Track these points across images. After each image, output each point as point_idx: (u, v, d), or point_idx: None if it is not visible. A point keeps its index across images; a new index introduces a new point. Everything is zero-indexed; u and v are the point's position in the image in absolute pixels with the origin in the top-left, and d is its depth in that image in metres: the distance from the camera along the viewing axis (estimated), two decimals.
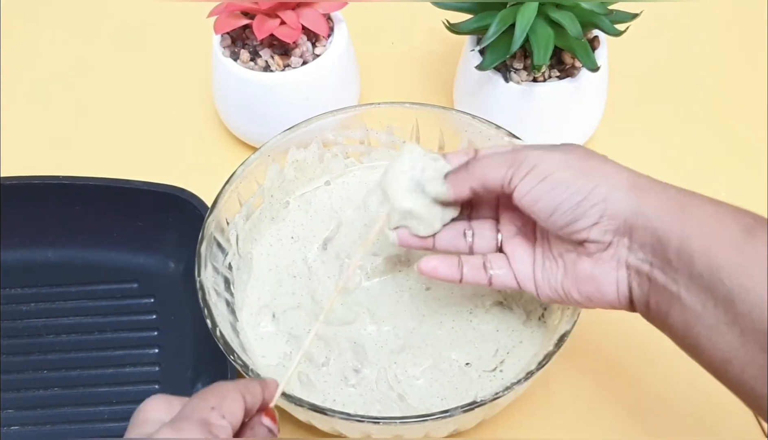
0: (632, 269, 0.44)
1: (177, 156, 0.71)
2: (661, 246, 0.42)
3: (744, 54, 0.78)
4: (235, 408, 0.39)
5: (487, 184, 0.46)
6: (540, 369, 0.48)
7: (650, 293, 0.43)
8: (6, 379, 0.58)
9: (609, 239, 0.43)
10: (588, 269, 0.45)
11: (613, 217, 0.43)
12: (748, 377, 0.40)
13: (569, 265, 0.46)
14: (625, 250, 0.43)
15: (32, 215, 0.63)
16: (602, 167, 0.44)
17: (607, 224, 0.43)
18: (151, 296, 0.62)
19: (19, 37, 0.81)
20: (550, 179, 0.43)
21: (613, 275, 0.44)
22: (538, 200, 0.44)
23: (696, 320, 0.41)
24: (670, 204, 0.42)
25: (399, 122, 0.61)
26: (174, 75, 0.77)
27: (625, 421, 0.56)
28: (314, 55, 0.66)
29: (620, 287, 0.44)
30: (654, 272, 0.43)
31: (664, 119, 0.73)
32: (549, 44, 0.60)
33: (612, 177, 0.43)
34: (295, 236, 0.60)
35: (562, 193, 0.43)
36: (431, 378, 0.53)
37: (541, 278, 0.47)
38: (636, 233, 0.43)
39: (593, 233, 0.43)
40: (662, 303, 0.42)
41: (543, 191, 0.44)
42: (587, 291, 0.45)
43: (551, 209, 0.44)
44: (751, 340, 0.39)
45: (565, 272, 0.46)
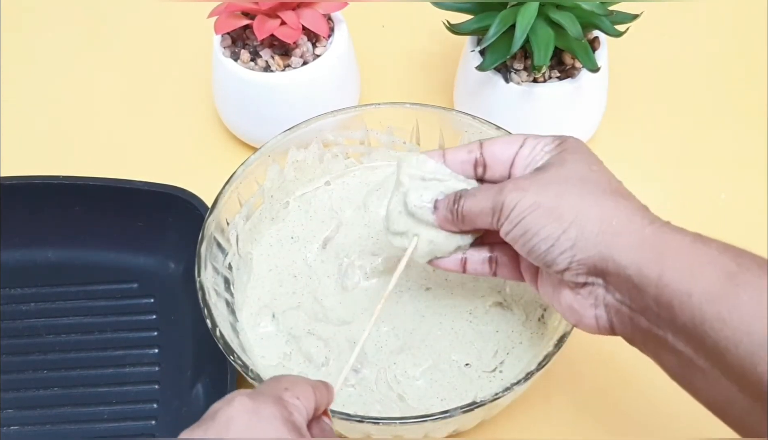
0: (611, 308, 0.43)
1: (177, 156, 0.71)
2: (638, 293, 0.40)
3: (744, 54, 0.78)
4: (309, 394, 0.39)
5: (478, 228, 0.47)
6: (540, 370, 0.48)
7: (634, 333, 0.42)
8: (6, 379, 0.58)
9: (582, 281, 0.43)
10: (569, 300, 0.44)
11: (582, 262, 0.42)
12: (749, 421, 0.38)
13: (555, 289, 0.46)
14: (602, 290, 0.43)
15: (32, 215, 0.63)
16: (577, 203, 0.43)
17: (577, 268, 0.42)
18: (151, 297, 0.62)
19: (19, 37, 0.81)
20: (522, 224, 0.44)
21: (591, 311, 0.44)
22: (515, 242, 0.45)
23: (689, 364, 0.39)
24: (645, 249, 0.40)
25: (399, 122, 0.61)
26: (174, 75, 0.77)
27: (624, 421, 0.56)
28: (314, 56, 0.66)
29: (600, 321, 0.44)
30: (635, 315, 0.41)
31: (664, 120, 0.73)
32: (549, 45, 0.60)
33: (583, 218, 0.42)
34: (295, 236, 0.60)
35: (532, 238, 0.43)
36: (431, 379, 0.53)
37: (540, 281, 0.47)
38: (610, 277, 0.42)
39: (566, 276, 0.43)
40: (650, 345, 0.42)
41: (517, 235, 0.44)
42: (572, 319, 0.45)
43: (526, 253, 0.44)
44: (748, 391, 0.37)
45: (553, 293, 0.46)
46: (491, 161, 0.48)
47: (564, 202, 0.43)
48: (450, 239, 0.49)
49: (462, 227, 0.48)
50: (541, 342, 0.53)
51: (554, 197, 0.43)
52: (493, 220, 0.45)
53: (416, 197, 0.49)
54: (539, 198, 0.43)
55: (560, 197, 0.43)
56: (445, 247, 0.49)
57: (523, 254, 0.45)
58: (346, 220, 0.60)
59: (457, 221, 0.47)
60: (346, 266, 0.57)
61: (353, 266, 0.57)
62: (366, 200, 0.61)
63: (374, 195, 0.61)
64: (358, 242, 0.59)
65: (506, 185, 0.45)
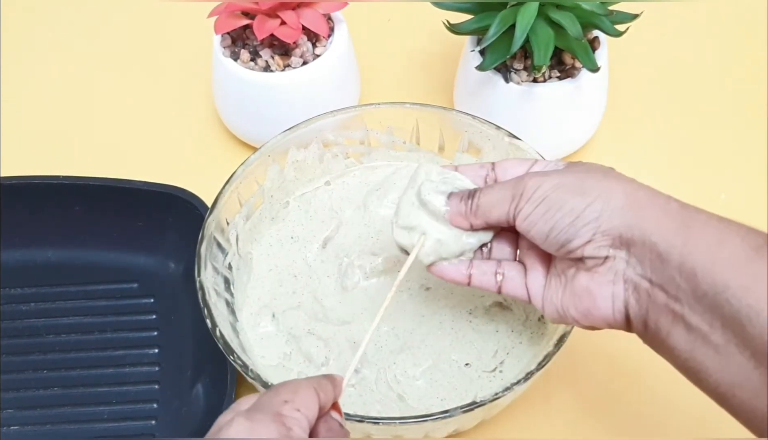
0: (630, 284, 0.42)
1: (177, 156, 0.71)
2: (660, 262, 0.40)
3: (744, 54, 0.78)
4: (310, 402, 0.39)
5: (490, 222, 0.46)
6: (540, 370, 0.48)
7: (649, 311, 0.42)
8: (6, 379, 0.58)
9: (605, 254, 0.42)
10: (584, 283, 0.44)
11: (607, 233, 0.42)
12: (759, 402, 0.37)
13: (568, 281, 0.45)
14: (623, 264, 0.42)
15: (32, 215, 0.63)
16: (600, 183, 0.43)
17: (601, 240, 0.42)
18: (151, 296, 0.62)
19: (19, 37, 0.81)
20: (545, 201, 0.43)
21: (609, 289, 0.43)
22: (535, 223, 0.44)
23: (702, 341, 0.39)
24: (670, 219, 0.41)
25: (399, 122, 0.61)
26: (174, 75, 0.77)
27: (624, 421, 0.56)
28: (314, 56, 0.66)
29: (616, 302, 0.43)
30: (654, 290, 0.41)
31: (664, 120, 0.73)
32: (549, 45, 0.60)
33: (608, 193, 0.42)
34: (295, 236, 0.60)
35: (555, 214, 0.43)
36: (431, 379, 0.53)
37: (547, 295, 0.47)
38: (634, 247, 0.42)
39: (587, 250, 0.43)
40: (663, 323, 0.41)
41: (539, 215, 0.44)
42: (583, 307, 0.44)
43: (546, 232, 0.44)
44: (765, 362, 0.36)
45: (564, 289, 0.45)
46: (502, 175, 0.48)
47: (588, 182, 0.43)
48: (458, 238, 0.48)
49: (474, 220, 0.47)
50: (541, 342, 0.53)
51: (577, 179, 0.43)
52: (511, 207, 0.45)
53: (431, 187, 0.48)
54: (562, 180, 0.44)
55: (583, 179, 0.43)
56: (452, 247, 0.48)
57: (539, 239, 0.44)
58: (346, 220, 0.60)
59: (470, 214, 0.47)
60: (346, 265, 0.57)
61: (353, 266, 0.57)
62: (366, 199, 0.61)
63: (374, 195, 0.61)
64: (358, 242, 0.59)
65: (526, 174, 0.46)
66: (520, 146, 0.57)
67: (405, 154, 0.63)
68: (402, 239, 0.49)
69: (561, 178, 0.44)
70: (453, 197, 0.48)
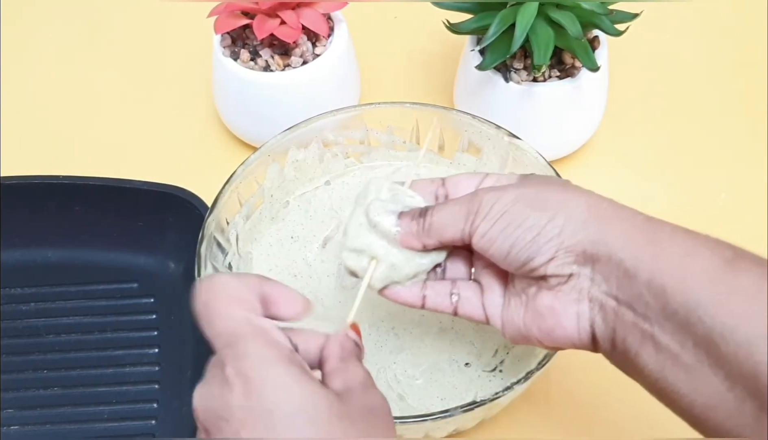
0: (595, 303, 0.40)
1: (177, 156, 0.71)
2: (627, 279, 0.38)
3: (744, 54, 0.78)
4: None
5: (444, 241, 0.44)
6: (540, 369, 0.48)
7: (616, 330, 0.39)
8: (6, 379, 0.58)
9: (568, 272, 0.40)
10: (547, 302, 0.41)
11: (570, 249, 0.40)
12: (733, 425, 0.35)
13: (530, 300, 0.42)
14: (587, 281, 0.40)
15: (32, 215, 0.63)
16: (561, 195, 0.41)
17: (564, 257, 0.40)
18: (151, 296, 0.62)
19: (19, 36, 0.81)
20: (504, 217, 0.41)
21: (573, 308, 0.41)
22: (494, 241, 0.42)
23: (673, 361, 0.37)
24: (637, 233, 0.39)
25: (399, 122, 0.61)
26: (174, 75, 0.77)
27: (625, 421, 0.56)
28: (314, 55, 0.66)
29: (581, 321, 0.41)
30: (621, 308, 0.39)
31: (664, 119, 0.73)
32: (549, 44, 0.60)
33: (569, 206, 0.40)
34: (295, 235, 0.60)
35: (515, 230, 0.41)
36: (431, 378, 0.53)
37: (506, 315, 0.44)
38: (599, 264, 0.39)
39: (550, 268, 0.40)
40: (630, 342, 0.39)
41: (497, 231, 0.41)
42: (546, 326, 0.42)
43: (506, 250, 0.41)
44: (739, 385, 0.35)
45: (526, 308, 0.43)
46: (453, 191, 0.47)
47: (547, 195, 0.41)
48: (410, 260, 0.45)
49: (427, 241, 0.44)
50: None
51: (536, 192, 0.41)
52: (466, 225, 0.42)
53: (380, 207, 0.46)
54: (520, 193, 0.41)
55: (542, 192, 0.41)
56: (404, 270, 0.46)
57: (499, 257, 0.42)
58: (345, 219, 0.60)
59: (422, 234, 0.44)
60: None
61: None
62: None
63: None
64: None
65: (480, 189, 0.44)
66: (520, 146, 0.57)
67: (405, 153, 0.63)
68: (351, 262, 0.47)
69: (519, 191, 0.42)
70: (404, 216, 0.45)
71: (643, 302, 0.38)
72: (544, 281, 0.41)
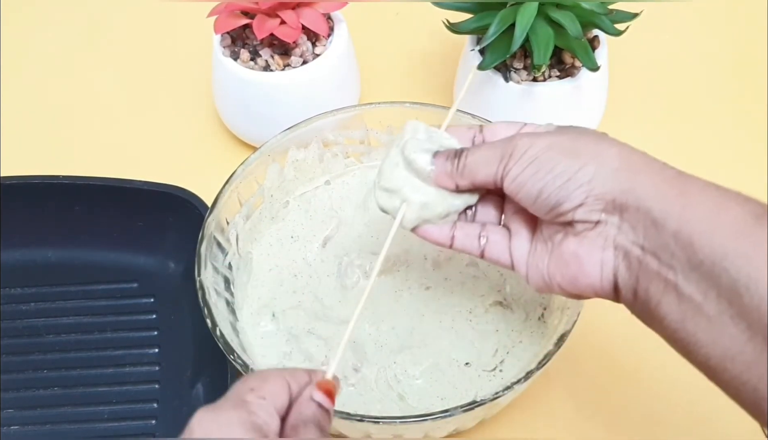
0: (620, 251, 0.40)
1: (177, 156, 0.71)
2: (655, 229, 0.38)
3: (744, 54, 0.78)
4: (277, 388, 0.38)
5: (476, 183, 0.44)
6: (540, 369, 0.48)
7: (639, 279, 0.40)
8: (6, 379, 0.58)
9: (596, 218, 0.40)
10: (572, 248, 0.42)
11: (600, 197, 0.40)
12: (751, 375, 0.36)
13: (555, 246, 0.43)
14: (614, 229, 0.40)
15: (32, 215, 0.63)
16: (594, 145, 0.41)
17: (593, 204, 0.40)
18: (151, 296, 0.62)
19: (19, 36, 0.81)
20: (535, 162, 0.41)
21: (598, 255, 0.41)
22: (524, 185, 0.42)
23: (695, 311, 0.37)
24: (667, 185, 0.39)
25: (399, 121, 0.61)
26: (174, 75, 0.77)
27: (625, 421, 0.56)
28: (314, 55, 0.66)
29: (605, 269, 0.41)
30: (646, 257, 0.39)
31: (664, 119, 0.73)
32: (549, 44, 0.60)
33: (602, 155, 0.40)
34: (295, 235, 0.60)
35: (546, 175, 0.41)
36: (431, 378, 0.53)
37: (532, 262, 0.45)
38: (627, 213, 0.40)
39: (578, 213, 0.41)
40: (653, 292, 0.39)
41: (528, 176, 0.41)
42: (570, 274, 0.42)
43: (535, 194, 0.42)
44: (760, 335, 0.35)
45: (551, 255, 0.43)
46: (491, 137, 0.47)
47: (581, 143, 0.41)
48: (443, 199, 0.46)
49: (461, 181, 0.45)
50: (541, 341, 0.53)
51: (570, 140, 0.42)
52: (499, 167, 0.42)
53: (416, 146, 0.46)
54: (554, 140, 0.42)
55: (576, 140, 0.41)
56: (437, 208, 0.46)
57: (528, 202, 0.42)
58: (346, 219, 0.60)
59: (456, 174, 0.44)
60: (346, 265, 0.57)
61: (353, 265, 0.57)
62: (366, 199, 0.61)
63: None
64: (357, 241, 0.59)
65: (516, 134, 0.44)
66: None
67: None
68: (384, 201, 0.47)
69: (553, 138, 0.42)
70: (439, 155, 0.45)
71: (669, 251, 0.38)
72: (571, 228, 0.42)
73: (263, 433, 0.36)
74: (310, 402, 0.39)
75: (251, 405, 0.37)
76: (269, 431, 0.37)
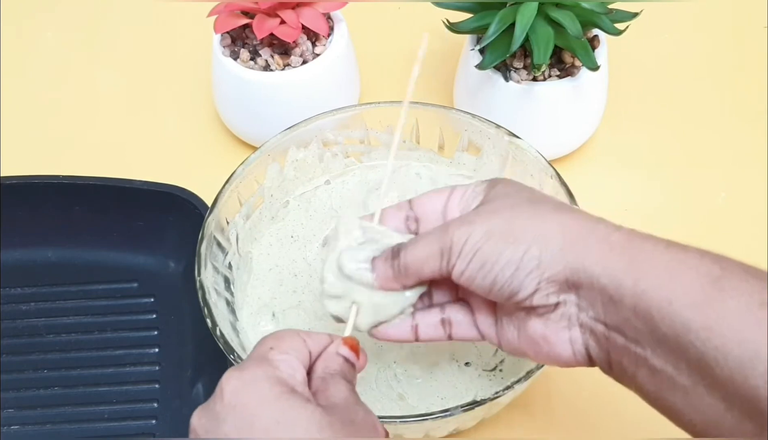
0: (586, 328, 0.40)
1: (177, 156, 0.71)
2: (613, 305, 0.38)
3: (744, 53, 0.78)
4: (297, 344, 0.40)
5: (422, 279, 0.43)
6: (540, 369, 0.48)
7: (610, 353, 0.39)
8: (6, 378, 0.59)
9: (554, 301, 0.40)
10: (539, 330, 0.41)
11: (552, 280, 0.39)
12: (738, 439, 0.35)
13: (521, 324, 0.42)
14: (574, 308, 0.40)
15: (32, 215, 0.63)
16: (531, 222, 0.40)
17: (547, 287, 0.39)
18: (151, 296, 0.62)
19: (19, 36, 0.81)
20: (478, 255, 0.40)
21: (565, 334, 0.40)
22: (473, 279, 0.41)
23: (669, 383, 0.36)
24: (615, 256, 0.38)
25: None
26: (174, 75, 0.77)
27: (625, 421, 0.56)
28: (314, 55, 0.66)
29: (575, 345, 0.41)
30: (611, 333, 0.38)
31: (664, 119, 0.73)
32: (549, 44, 0.60)
33: (543, 235, 0.39)
34: (295, 235, 0.60)
35: (492, 268, 0.40)
36: (431, 377, 0.53)
37: (501, 333, 0.44)
38: (583, 290, 0.39)
39: (536, 299, 0.40)
40: (626, 364, 0.38)
41: (474, 270, 0.40)
42: (542, 353, 0.42)
43: (488, 287, 0.41)
44: (737, 406, 0.34)
45: (519, 332, 0.43)
46: (422, 213, 0.46)
47: (517, 224, 0.40)
48: (394, 299, 0.44)
49: (406, 281, 0.43)
50: None
51: (505, 222, 0.41)
52: (442, 263, 0.41)
53: (350, 258, 0.44)
54: (490, 226, 0.40)
55: (512, 221, 0.41)
56: (389, 309, 0.45)
57: (482, 292, 0.41)
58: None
59: (399, 276, 0.43)
60: None
61: None
62: (366, 198, 0.61)
63: (374, 194, 0.61)
64: None
65: (450, 223, 0.42)
66: (519, 145, 0.57)
67: (405, 153, 0.62)
68: (333, 309, 0.45)
69: (488, 224, 0.41)
70: (376, 262, 0.44)
71: (631, 326, 0.37)
72: (533, 310, 0.41)
73: (289, 386, 0.37)
74: (336, 356, 0.41)
75: (274, 361, 0.38)
76: (296, 383, 0.38)
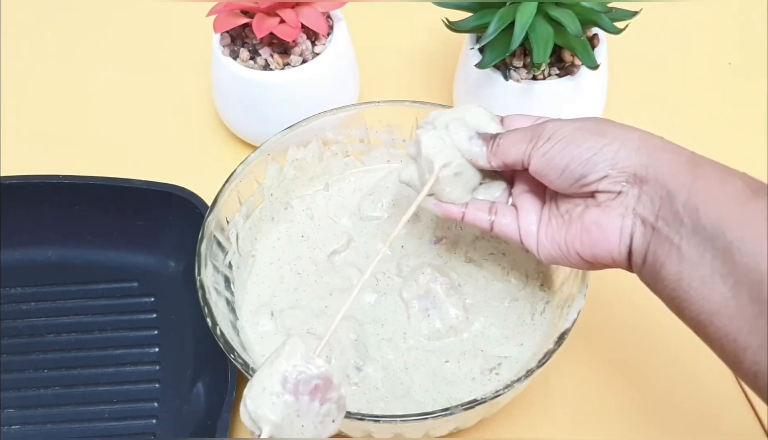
0: (638, 218, 0.45)
1: (177, 155, 0.71)
2: (669, 199, 0.43)
3: (744, 53, 0.78)
4: None
5: (507, 162, 0.49)
6: (540, 367, 0.48)
7: (650, 243, 0.44)
8: (6, 378, 0.59)
9: (618, 189, 0.45)
10: (594, 216, 0.46)
11: (623, 170, 0.45)
12: (733, 328, 0.41)
13: (575, 218, 0.47)
14: (633, 199, 0.45)
15: (32, 215, 0.63)
16: (618, 128, 0.46)
17: (617, 176, 0.45)
18: (151, 296, 0.62)
19: (19, 36, 0.81)
20: (565, 139, 0.46)
21: (618, 222, 0.45)
22: (552, 159, 0.46)
23: (690, 270, 0.42)
24: (681, 162, 0.44)
25: (399, 120, 0.61)
26: (174, 74, 0.77)
27: (625, 420, 0.56)
28: (314, 54, 0.66)
29: (623, 235, 0.45)
30: (658, 222, 0.44)
31: (663, 117, 0.73)
32: (548, 42, 0.60)
33: (625, 136, 0.46)
34: (305, 235, 0.60)
35: (574, 150, 0.46)
36: (432, 376, 0.53)
37: (544, 235, 0.49)
38: (647, 185, 0.44)
39: (602, 184, 0.45)
40: (659, 253, 0.44)
41: (557, 151, 0.46)
42: (590, 240, 0.46)
43: (563, 167, 0.46)
44: (744, 290, 0.40)
45: (569, 226, 0.47)
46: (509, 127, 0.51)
47: (606, 127, 0.46)
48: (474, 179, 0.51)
49: (493, 160, 0.49)
50: (541, 340, 0.53)
51: (596, 124, 0.47)
52: (529, 146, 0.47)
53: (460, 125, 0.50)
54: (582, 124, 0.47)
55: (602, 124, 0.47)
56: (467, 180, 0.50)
57: (554, 174, 0.47)
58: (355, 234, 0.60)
59: (490, 153, 0.49)
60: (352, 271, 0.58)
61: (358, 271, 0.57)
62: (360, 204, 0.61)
63: (368, 200, 0.61)
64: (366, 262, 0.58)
65: (545, 120, 0.49)
66: None
67: (405, 152, 0.62)
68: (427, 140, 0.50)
69: (580, 122, 0.47)
70: (479, 136, 0.50)
71: (678, 219, 0.43)
72: (593, 199, 0.46)
73: None
74: None
75: None
76: None
